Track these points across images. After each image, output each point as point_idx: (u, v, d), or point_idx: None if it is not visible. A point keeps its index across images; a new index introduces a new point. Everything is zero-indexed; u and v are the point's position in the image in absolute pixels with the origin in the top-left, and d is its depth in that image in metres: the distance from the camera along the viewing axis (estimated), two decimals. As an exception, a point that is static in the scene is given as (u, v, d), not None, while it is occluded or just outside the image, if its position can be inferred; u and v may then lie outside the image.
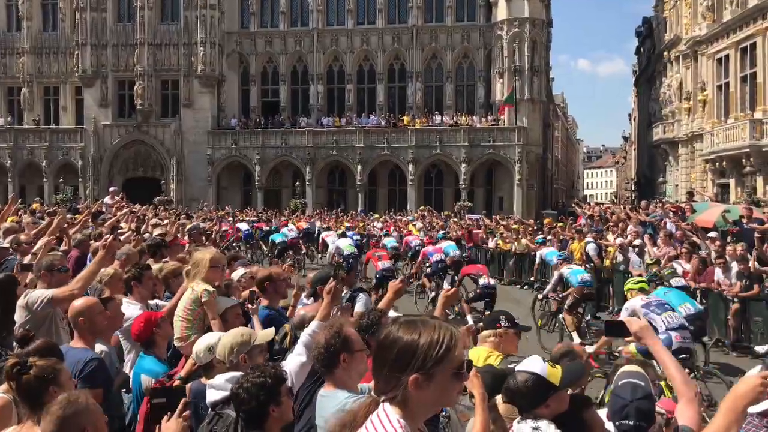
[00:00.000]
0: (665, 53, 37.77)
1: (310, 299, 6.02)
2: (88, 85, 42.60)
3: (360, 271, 15.41)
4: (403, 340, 1.85)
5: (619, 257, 14.66)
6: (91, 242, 8.07)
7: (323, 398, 3.26)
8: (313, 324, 3.85)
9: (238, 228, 23.21)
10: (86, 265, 6.33)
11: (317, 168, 41.45)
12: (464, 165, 39.39)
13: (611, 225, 17.07)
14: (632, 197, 52.00)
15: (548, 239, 17.38)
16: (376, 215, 34.13)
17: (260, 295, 5.68)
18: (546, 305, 12.64)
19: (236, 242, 21.41)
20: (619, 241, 15.14)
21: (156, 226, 11.27)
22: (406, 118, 41.30)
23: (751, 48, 27.01)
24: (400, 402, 1.84)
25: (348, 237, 18.50)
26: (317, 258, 22.65)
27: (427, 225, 24.87)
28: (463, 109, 41.97)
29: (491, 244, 21.42)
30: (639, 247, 14.29)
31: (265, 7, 43.48)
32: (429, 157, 40.67)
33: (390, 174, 42.77)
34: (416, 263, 15.91)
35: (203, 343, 3.84)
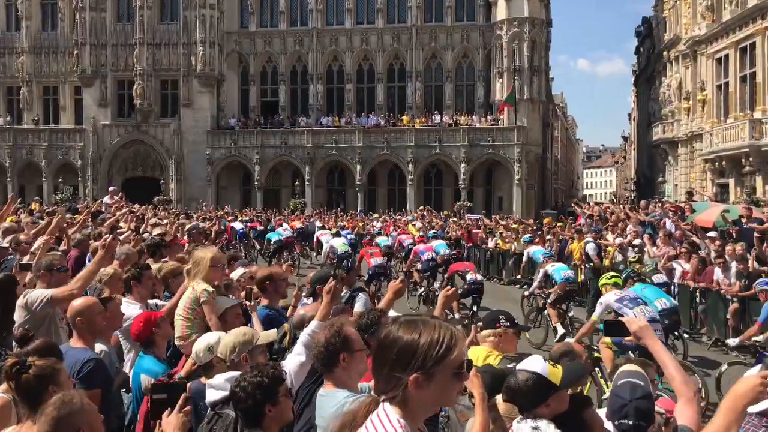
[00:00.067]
0: (665, 53, 37.77)
1: (310, 299, 6.03)
2: (88, 85, 42.58)
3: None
4: (404, 340, 1.85)
5: (619, 257, 14.67)
6: (91, 242, 8.08)
7: (322, 397, 3.26)
8: (313, 324, 3.85)
9: (233, 227, 23.32)
10: (85, 265, 6.34)
11: (317, 168, 41.44)
12: (464, 165, 39.39)
13: (611, 225, 17.08)
14: (632, 197, 52.03)
15: (536, 239, 17.71)
16: (376, 215, 34.11)
17: (259, 295, 5.68)
18: (533, 302, 13.08)
19: (230, 242, 21.44)
20: (619, 241, 15.16)
21: (155, 226, 11.28)
22: (406, 118, 41.29)
23: (751, 48, 27.01)
24: (400, 402, 1.84)
25: (342, 236, 18.57)
26: (312, 257, 22.79)
27: (427, 225, 24.84)
28: (463, 109, 41.96)
29: (491, 244, 21.42)
30: (638, 247, 14.31)
31: (265, 7, 43.46)
32: (428, 157, 40.66)
33: (389, 174, 42.75)
34: (408, 262, 16.21)
35: (203, 343, 3.85)
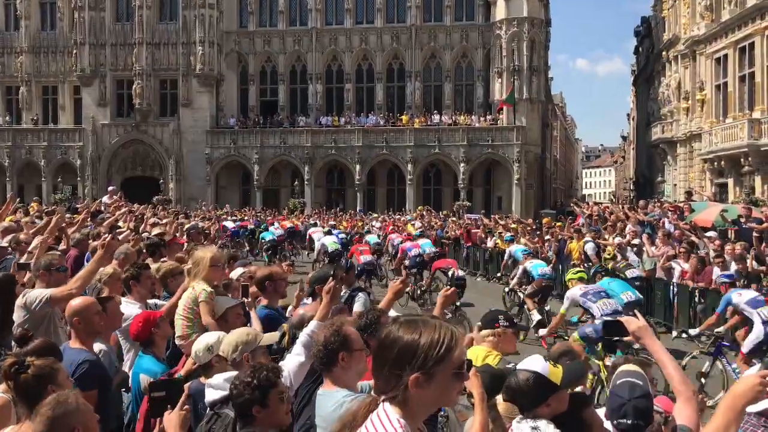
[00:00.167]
0: (664, 53, 37.78)
1: (309, 299, 6.02)
2: (87, 85, 42.56)
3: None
4: (404, 340, 1.85)
5: (618, 257, 14.66)
6: (90, 241, 8.07)
7: (322, 397, 3.26)
8: (312, 324, 3.85)
9: (224, 226, 23.38)
10: (85, 265, 6.33)
11: (316, 167, 41.43)
12: (463, 164, 39.40)
13: (610, 224, 17.07)
14: (631, 197, 52.03)
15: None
16: (375, 215, 34.12)
17: (259, 295, 5.68)
18: (514, 297, 13.84)
19: (223, 241, 21.54)
20: (618, 241, 15.14)
21: (154, 226, 11.26)
22: (405, 118, 41.28)
23: (750, 48, 27.01)
24: (400, 401, 1.84)
25: (333, 234, 18.68)
26: (302, 255, 23.00)
27: (426, 224, 24.82)
28: (462, 109, 41.97)
29: (490, 244, 21.38)
30: (637, 247, 14.31)
31: (264, 7, 43.44)
32: (428, 157, 40.67)
33: (389, 173, 42.76)
34: (397, 259, 16.71)
35: (202, 343, 3.85)
